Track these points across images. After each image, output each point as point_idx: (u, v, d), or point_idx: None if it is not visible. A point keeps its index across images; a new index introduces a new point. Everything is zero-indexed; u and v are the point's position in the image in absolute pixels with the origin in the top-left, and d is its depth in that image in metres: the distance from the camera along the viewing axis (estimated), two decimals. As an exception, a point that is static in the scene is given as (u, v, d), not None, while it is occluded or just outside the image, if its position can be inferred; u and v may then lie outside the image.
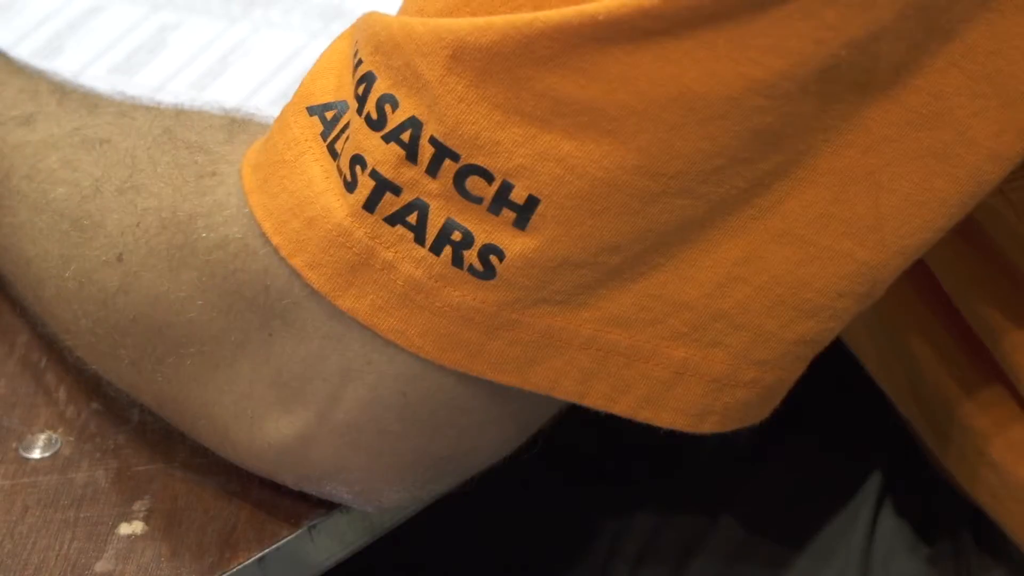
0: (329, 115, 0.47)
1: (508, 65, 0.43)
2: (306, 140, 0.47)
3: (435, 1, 0.45)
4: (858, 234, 0.45)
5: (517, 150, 0.44)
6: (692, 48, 0.42)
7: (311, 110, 0.47)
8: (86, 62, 0.72)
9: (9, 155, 0.55)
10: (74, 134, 0.54)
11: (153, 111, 0.55)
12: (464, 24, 0.44)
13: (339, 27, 0.74)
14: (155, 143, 0.52)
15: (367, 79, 0.46)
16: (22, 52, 0.71)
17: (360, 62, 0.46)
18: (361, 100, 0.46)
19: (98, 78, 0.71)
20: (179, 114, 0.54)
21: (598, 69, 0.42)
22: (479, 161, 0.44)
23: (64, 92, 0.58)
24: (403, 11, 0.46)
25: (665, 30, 0.42)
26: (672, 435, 0.48)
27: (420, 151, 0.44)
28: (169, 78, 0.72)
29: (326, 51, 0.49)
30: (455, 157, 0.44)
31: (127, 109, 0.56)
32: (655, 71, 0.42)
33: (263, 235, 0.47)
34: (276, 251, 0.47)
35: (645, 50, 0.42)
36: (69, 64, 0.72)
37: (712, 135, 0.43)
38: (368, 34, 0.46)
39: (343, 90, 0.47)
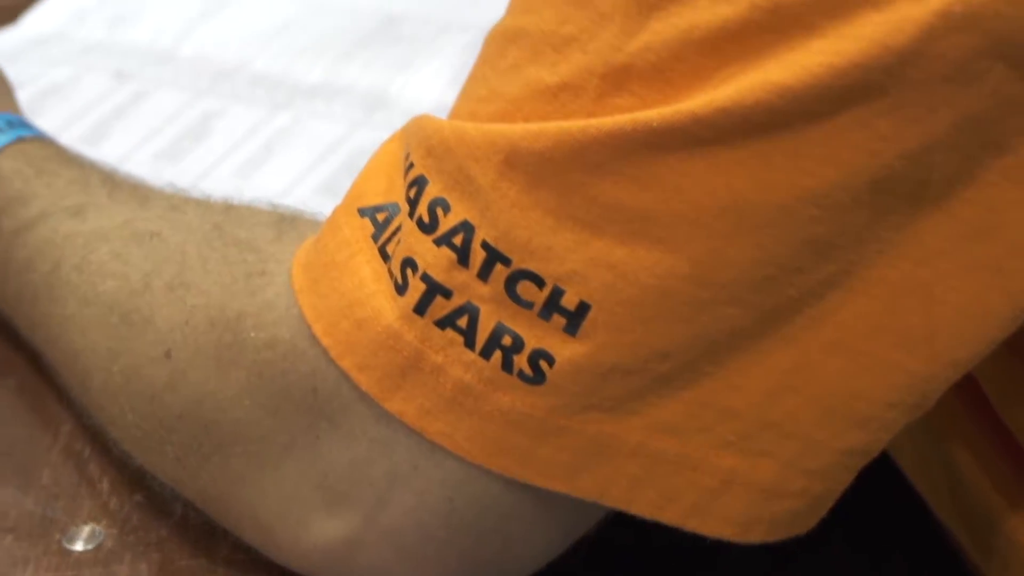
0: (380, 217, 0.47)
1: (561, 171, 0.43)
2: (357, 241, 0.47)
3: (487, 106, 0.45)
4: (910, 345, 0.45)
5: (569, 256, 0.44)
6: (745, 157, 0.42)
7: (362, 211, 0.47)
8: (131, 148, 0.73)
9: (60, 245, 0.56)
10: (124, 227, 0.55)
11: (203, 206, 0.55)
12: (517, 129, 0.44)
13: (382, 117, 0.75)
14: (205, 239, 0.52)
15: (419, 182, 0.46)
16: (69, 137, 0.72)
17: (412, 165, 0.46)
18: (413, 203, 0.46)
19: (143, 164, 0.71)
20: (228, 209, 0.55)
21: (651, 176, 0.43)
22: (531, 266, 0.44)
23: (115, 183, 0.58)
24: (454, 114, 0.47)
25: (718, 139, 0.42)
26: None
27: (472, 255, 0.44)
28: (213, 165, 0.72)
29: (376, 153, 0.49)
30: (507, 262, 0.44)
31: (177, 203, 0.56)
32: (708, 179, 0.42)
33: (312, 336, 0.47)
34: (325, 353, 0.47)
35: (698, 158, 0.42)
36: (115, 150, 0.72)
37: (764, 244, 0.43)
38: (420, 137, 0.46)
39: (394, 192, 0.47)
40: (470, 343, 0.45)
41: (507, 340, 0.45)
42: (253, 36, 0.80)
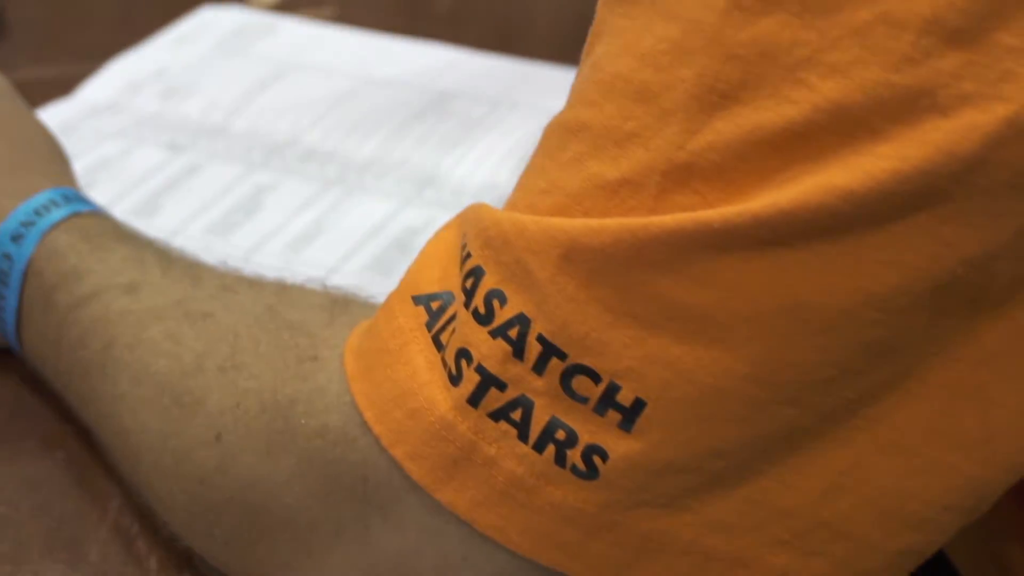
0: (435, 305, 0.47)
1: (620, 267, 0.43)
2: (411, 330, 0.47)
3: (546, 198, 0.45)
4: (967, 448, 0.44)
5: (625, 352, 0.43)
6: (807, 259, 0.42)
7: (416, 299, 0.47)
8: (183, 221, 0.73)
9: (113, 323, 0.56)
10: (177, 306, 0.55)
11: (256, 286, 0.55)
12: (576, 224, 0.44)
13: (432, 194, 0.75)
14: (257, 322, 0.53)
15: (476, 273, 0.46)
16: (121, 209, 0.72)
17: (469, 255, 0.46)
18: (469, 294, 0.46)
19: (194, 238, 0.72)
20: (281, 291, 0.55)
21: (711, 276, 0.42)
22: (587, 361, 0.44)
23: (169, 261, 0.58)
24: (511, 205, 0.47)
25: (780, 241, 0.42)
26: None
27: (527, 348, 0.44)
28: (264, 240, 0.72)
29: (431, 240, 0.49)
30: (562, 356, 0.44)
31: (230, 282, 0.56)
32: (769, 281, 0.42)
33: (363, 425, 0.47)
34: (376, 441, 0.47)
35: (759, 259, 0.42)
36: (167, 223, 0.73)
37: (824, 346, 0.42)
38: (478, 228, 0.46)
39: (449, 281, 0.47)
40: (523, 436, 0.45)
41: (561, 434, 0.44)
42: (305, 111, 0.81)
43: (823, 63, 0.41)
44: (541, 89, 0.82)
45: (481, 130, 0.79)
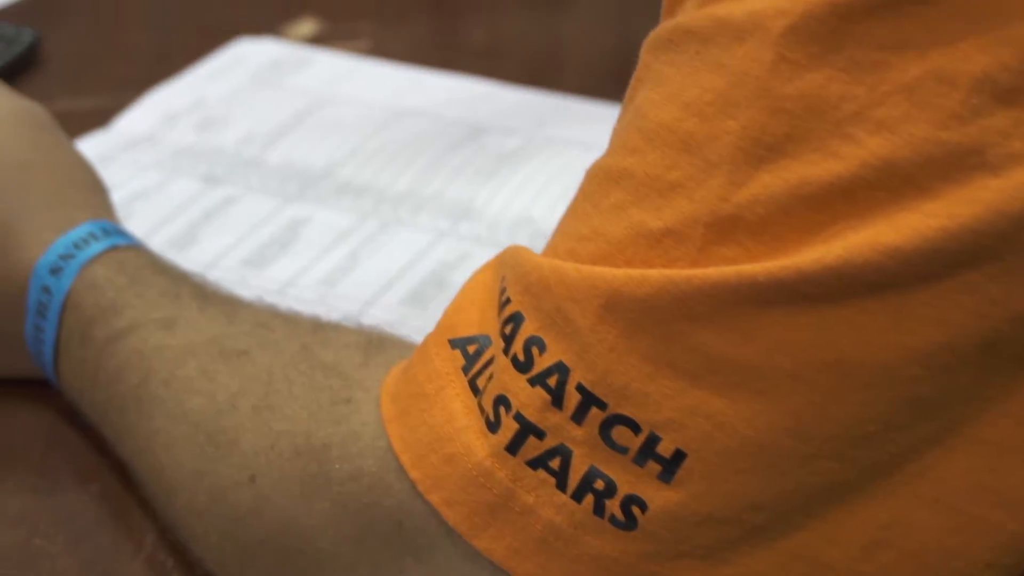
0: (472, 349, 0.47)
1: (662, 319, 0.43)
2: (448, 374, 0.47)
3: (587, 245, 0.45)
4: (1011, 505, 0.44)
5: (666, 403, 0.43)
6: (851, 315, 0.41)
7: (453, 343, 0.47)
8: (219, 254, 0.73)
9: (149, 358, 0.56)
10: (213, 343, 0.55)
11: (291, 323, 0.55)
12: (619, 274, 0.44)
13: (467, 228, 0.75)
14: (291, 361, 0.52)
15: (515, 319, 0.45)
16: (158, 241, 0.73)
17: (508, 301, 0.46)
18: (508, 340, 0.45)
19: (230, 270, 0.72)
20: (316, 329, 0.55)
21: (754, 329, 0.42)
22: (627, 411, 0.43)
23: (205, 296, 0.58)
24: (552, 250, 0.46)
25: (825, 296, 0.41)
26: None
27: (566, 397, 0.44)
28: (300, 273, 0.72)
29: (469, 282, 0.49)
30: (602, 406, 0.44)
31: (265, 319, 0.56)
32: (812, 335, 0.42)
33: (398, 470, 0.47)
34: (411, 487, 0.46)
35: (803, 314, 0.42)
36: (202, 255, 0.73)
37: (867, 402, 0.42)
38: (517, 273, 0.46)
39: (486, 325, 0.47)
40: (562, 485, 0.45)
41: (600, 484, 0.44)
42: (340, 143, 0.81)
43: (871, 119, 0.41)
44: (575, 123, 0.82)
45: (515, 164, 0.79)
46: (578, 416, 0.44)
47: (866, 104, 0.41)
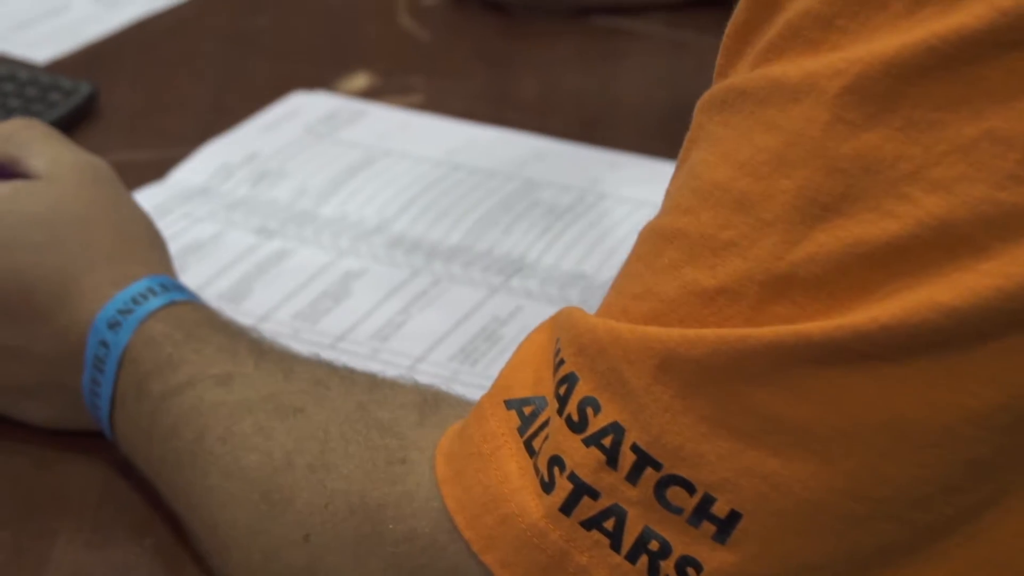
0: (527, 410, 0.47)
1: (717, 379, 0.43)
2: (503, 434, 0.47)
3: (641, 304, 0.45)
4: (1067, 568, 0.44)
5: (721, 464, 0.43)
6: (908, 375, 0.41)
7: (509, 403, 0.47)
8: (272, 307, 0.73)
9: (205, 414, 0.56)
10: (270, 400, 0.55)
11: (348, 381, 0.56)
12: (673, 334, 0.43)
13: (519, 283, 0.75)
14: (347, 420, 0.53)
15: (569, 380, 0.45)
16: (211, 293, 0.73)
17: (562, 362, 0.46)
18: (562, 400, 0.45)
19: (282, 323, 0.72)
20: (372, 387, 0.55)
21: (810, 389, 0.42)
22: (682, 472, 0.43)
23: (262, 352, 0.59)
24: (605, 310, 0.47)
25: (881, 355, 0.41)
26: None
27: (621, 457, 0.44)
28: (352, 327, 0.72)
29: (524, 343, 0.49)
30: (657, 466, 0.44)
31: (322, 376, 0.56)
32: (868, 395, 0.42)
33: (452, 531, 0.47)
34: (466, 547, 0.46)
35: (860, 374, 0.42)
36: (255, 308, 0.73)
37: (924, 463, 0.42)
38: (572, 334, 0.46)
39: (542, 385, 0.47)
40: (616, 546, 0.44)
41: (654, 545, 0.44)
42: (393, 197, 0.81)
43: (927, 178, 0.41)
44: (627, 179, 0.82)
45: (568, 219, 0.79)
46: (633, 476, 0.44)
47: (922, 164, 0.41)
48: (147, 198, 0.80)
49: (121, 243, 0.63)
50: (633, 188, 0.81)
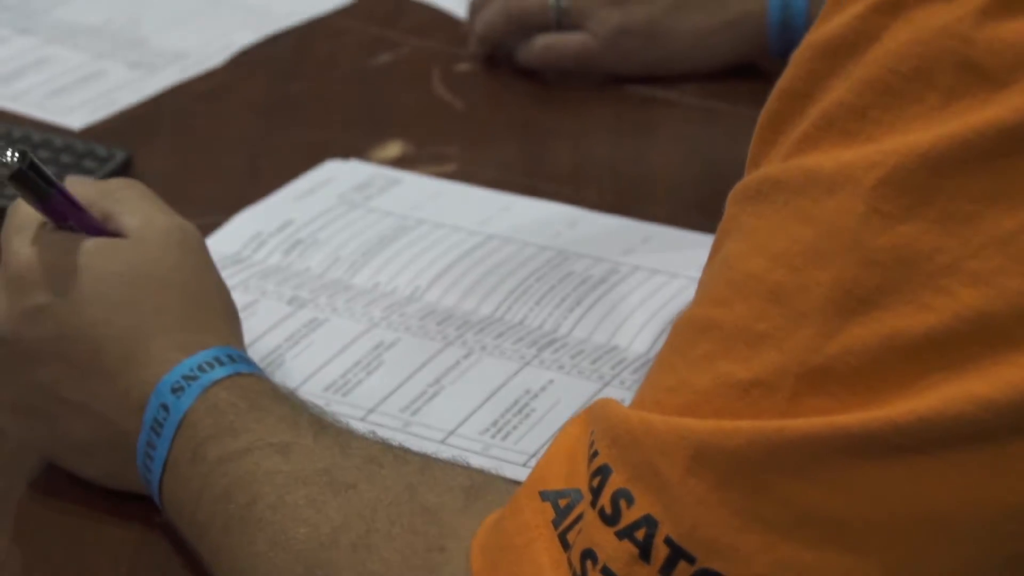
0: (563, 503, 0.47)
1: (752, 471, 0.42)
2: (537, 526, 0.47)
3: (674, 396, 0.45)
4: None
5: (756, 557, 0.43)
6: (946, 469, 0.41)
7: (544, 495, 0.47)
8: (304, 378, 0.73)
9: (260, 480, 0.57)
10: (324, 473, 0.56)
11: (400, 461, 0.56)
12: (707, 426, 0.43)
13: (550, 356, 0.75)
14: (396, 501, 0.53)
15: (603, 472, 0.45)
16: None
17: (596, 453, 0.46)
18: (596, 492, 0.45)
19: (314, 395, 0.72)
20: (424, 468, 0.55)
21: (846, 482, 0.42)
22: (715, 566, 0.43)
23: (322, 426, 0.60)
24: (639, 402, 0.46)
25: (919, 448, 0.41)
26: None
27: (654, 551, 0.44)
28: (383, 399, 0.72)
29: (560, 434, 0.49)
30: (691, 560, 0.43)
31: (377, 454, 0.57)
32: (906, 488, 0.41)
33: None
34: None
35: (897, 467, 0.41)
36: (287, 378, 0.73)
37: (961, 556, 0.42)
38: (605, 426, 0.46)
39: (576, 477, 0.47)
40: (650, 638, 0.44)
41: (688, 637, 0.44)
42: (426, 267, 0.81)
43: (965, 271, 0.41)
44: (661, 252, 0.82)
45: (601, 291, 0.79)
46: (666, 570, 0.44)
47: (959, 256, 0.41)
48: (180, 267, 0.80)
49: (195, 310, 0.64)
50: (666, 261, 0.81)
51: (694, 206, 0.86)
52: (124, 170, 0.88)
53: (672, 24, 0.97)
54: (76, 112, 0.95)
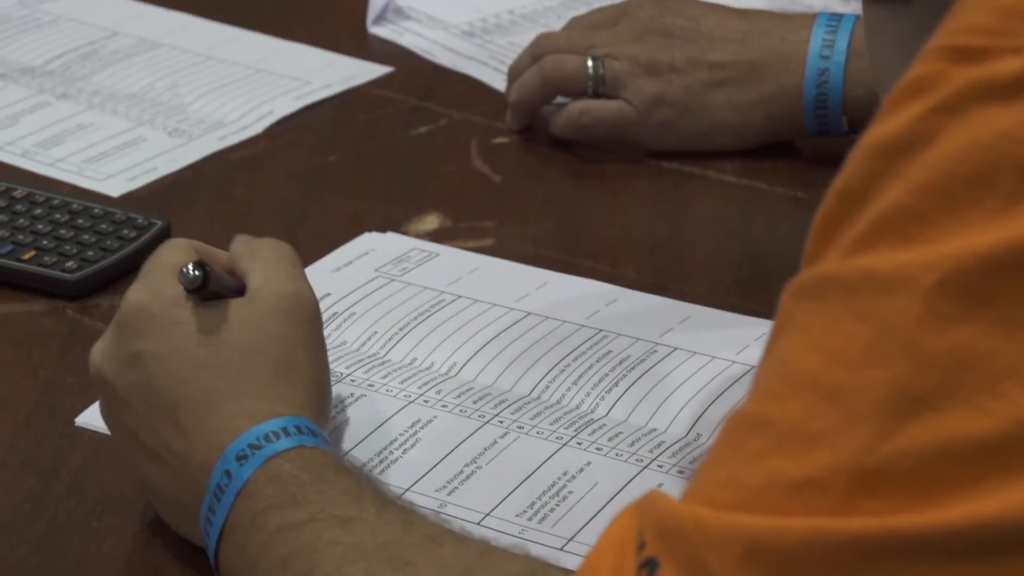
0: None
1: (804, 571, 0.42)
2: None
3: (725, 492, 0.45)
4: None
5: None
6: (1003, 574, 0.41)
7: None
8: (339, 453, 0.73)
9: (320, 551, 0.57)
10: (384, 548, 0.56)
11: (461, 543, 0.57)
12: (760, 523, 0.43)
13: (588, 437, 0.74)
14: None
15: (651, 564, 0.45)
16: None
17: (644, 545, 0.45)
18: (644, 588, 0.45)
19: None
20: (483, 553, 0.56)
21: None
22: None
23: (385, 501, 0.60)
24: (690, 496, 0.46)
25: (976, 553, 0.41)
26: None
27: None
28: (418, 478, 0.72)
29: (610, 526, 0.48)
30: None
31: (438, 534, 0.57)
32: None
33: None
34: None
35: (952, 571, 0.41)
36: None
37: None
38: (655, 518, 0.45)
39: (625, 569, 0.46)
40: None
41: None
42: (463, 343, 0.81)
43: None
44: (699, 332, 0.81)
45: (639, 371, 0.78)
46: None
47: (1018, 360, 0.40)
48: (217, 339, 0.80)
49: (275, 379, 0.65)
50: (705, 342, 0.80)
51: (733, 286, 0.86)
52: (162, 239, 0.88)
53: (709, 97, 0.97)
54: (115, 179, 0.95)
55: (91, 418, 0.76)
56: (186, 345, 0.65)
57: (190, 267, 0.66)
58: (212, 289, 0.67)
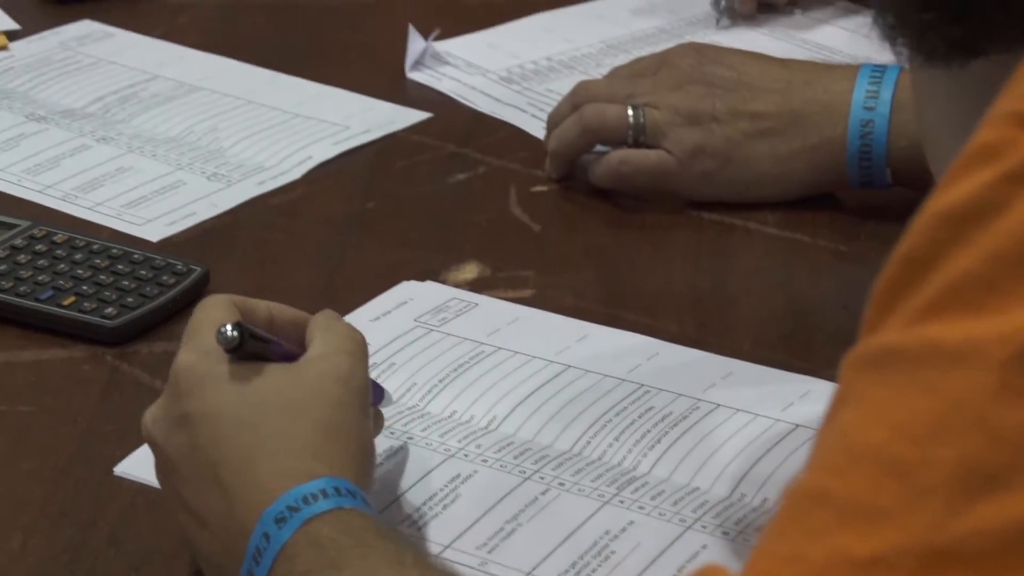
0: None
1: None
2: None
3: (788, 567, 0.44)
4: None
5: None
6: None
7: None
8: (377, 509, 0.72)
9: None
10: None
11: None
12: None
13: (630, 495, 0.73)
14: None
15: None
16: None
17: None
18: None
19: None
20: None
21: None
22: None
23: (427, 566, 0.60)
24: (751, 570, 0.45)
25: None
26: None
27: None
28: (459, 534, 0.71)
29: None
30: None
31: None
32: None
33: None
34: None
35: None
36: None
37: None
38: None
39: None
40: None
41: None
42: (503, 396, 0.80)
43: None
44: (743, 389, 0.80)
45: (681, 428, 0.77)
46: None
47: None
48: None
49: (316, 440, 0.65)
50: (748, 399, 0.79)
51: (776, 341, 0.85)
52: (200, 286, 0.88)
53: (750, 147, 0.96)
54: (154, 223, 0.95)
55: (130, 467, 0.75)
56: (228, 404, 0.65)
57: (228, 328, 0.66)
58: (249, 350, 0.67)
